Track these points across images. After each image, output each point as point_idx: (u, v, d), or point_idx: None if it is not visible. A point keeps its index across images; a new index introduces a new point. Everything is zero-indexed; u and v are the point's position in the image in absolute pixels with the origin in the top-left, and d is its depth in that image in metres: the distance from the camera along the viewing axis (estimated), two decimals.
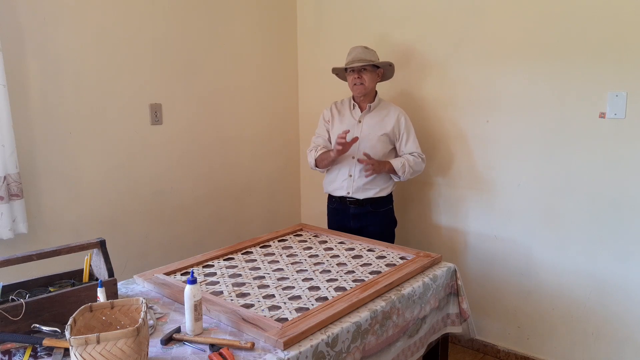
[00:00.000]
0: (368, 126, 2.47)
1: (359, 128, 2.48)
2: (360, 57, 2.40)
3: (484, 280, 2.65)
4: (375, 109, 2.50)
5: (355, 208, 2.49)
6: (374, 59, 2.44)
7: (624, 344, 2.26)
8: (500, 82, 2.43)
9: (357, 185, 2.46)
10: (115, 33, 2.34)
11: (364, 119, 2.49)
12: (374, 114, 2.49)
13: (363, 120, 2.49)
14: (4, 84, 1.94)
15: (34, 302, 1.46)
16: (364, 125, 2.48)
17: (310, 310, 1.56)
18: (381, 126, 2.46)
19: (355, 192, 2.47)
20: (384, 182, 2.48)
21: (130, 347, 1.19)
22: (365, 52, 2.42)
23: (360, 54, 2.41)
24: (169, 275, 1.89)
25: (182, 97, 2.64)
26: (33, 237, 2.14)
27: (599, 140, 2.20)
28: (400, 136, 2.47)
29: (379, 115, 2.49)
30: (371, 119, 2.48)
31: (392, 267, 1.94)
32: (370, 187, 2.46)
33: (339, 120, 2.54)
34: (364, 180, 2.45)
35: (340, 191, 2.50)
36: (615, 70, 2.11)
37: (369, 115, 2.49)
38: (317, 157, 2.50)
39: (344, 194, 2.49)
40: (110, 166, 2.39)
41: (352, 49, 2.45)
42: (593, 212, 2.26)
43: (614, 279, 2.25)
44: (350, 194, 2.48)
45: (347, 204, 2.50)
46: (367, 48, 2.45)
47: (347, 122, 2.51)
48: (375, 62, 2.41)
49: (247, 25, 2.91)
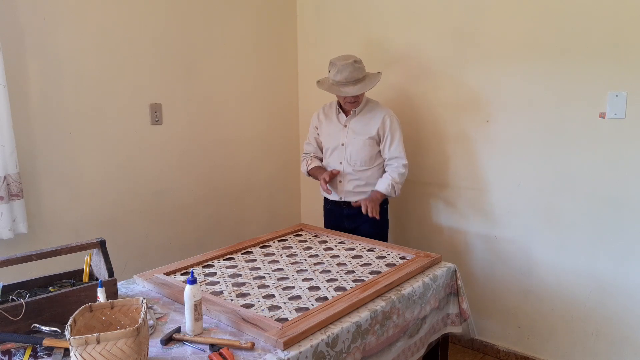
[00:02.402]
0: (353, 131, 2.45)
1: (344, 132, 2.47)
2: (353, 77, 2.30)
3: (484, 280, 2.65)
4: (361, 112, 2.47)
5: (348, 209, 2.50)
6: (364, 76, 2.34)
7: (624, 344, 2.26)
8: (500, 82, 2.43)
9: (347, 189, 2.48)
10: (115, 33, 2.33)
11: (349, 123, 2.47)
12: (360, 117, 2.46)
13: (349, 125, 2.47)
14: (4, 84, 1.94)
15: (34, 302, 1.46)
16: (349, 129, 2.46)
17: (310, 310, 1.56)
18: (366, 130, 2.43)
19: (347, 196, 2.49)
20: (374, 186, 2.45)
21: (130, 347, 1.19)
22: (356, 71, 2.31)
23: (352, 74, 2.30)
24: (169, 275, 1.89)
25: (182, 97, 2.64)
26: (33, 237, 2.14)
27: (599, 140, 2.20)
28: (384, 138, 2.43)
29: (364, 119, 2.45)
30: (357, 122, 2.46)
31: (392, 267, 1.94)
32: (361, 190, 2.46)
33: (327, 125, 2.54)
34: (353, 184, 2.46)
35: (332, 196, 2.52)
36: (615, 70, 2.11)
37: (355, 119, 2.46)
38: (309, 170, 2.59)
39: (337, 199, 2.52)
40: (110, 166, 2.39)
41: (341, 65, 2.30)
42: (593, 212, 2.26)
43: (614, 279, 2.25)
44: (342, 199, 2.50)
45: (341, 206, 2.53)
46: (356, 62, 2.32)
47: (333, 127, 2.51)
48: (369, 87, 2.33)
49: (247, 25, 2.91)
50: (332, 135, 2.51)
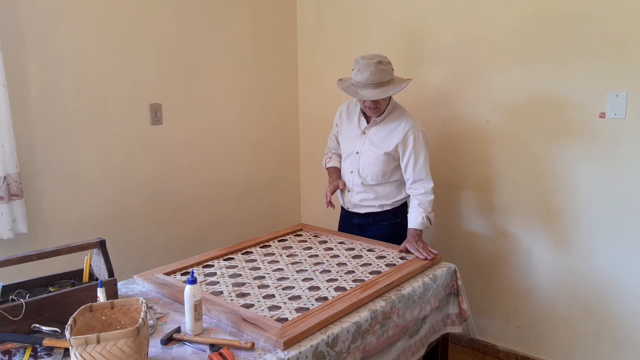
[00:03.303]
0: (370, 141, 2.23)
1: (361, 140, 2.25)
2: (374, 79, 2.04)
3: (484, 280, 2.65)
4: (383, 120, 2.22)
5: (358, 219, 2.38)
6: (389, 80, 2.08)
7: (624, 344, 2.26)
8: (501, 82, 2.43)
9: (354, 201, 2.33)
10: (116, 33, 2.33)
11: (369, 131, 2.24)
12: (381, 126, 2.22)
13: (368, 133, 2.24)
14: (4, 84, 1.94)
15: (34, 302, 1.46)
16: (367, 138, 2.24)
17: (310, 310, 1.56)
18: (385, 143, 2.19)
19: (354, 208, 2.35)
20: (386, 199, 2.28)
21: (130, 347, 1.19)
22: (379, 73, 2.05)
23: (373, 76, 2.04)
24: (169, 275, 1.89)
25: (182, 97, 2.64)
26: (33, 237, 2.14)
27: (599, 140, 2.20)
28: (405, 156, 2.18)
29: (386, 129, 2.20)
30: (377, 132, 2.22)
31: (392, 267, 1.94)
32: (369, 203, 2.30)
33: (347, 126, 2.34)
34: (360, 197, 2.30)
35: (343, 203, 2.43)
36: (615, 70, 2.11)
37: (375, 127, 2.23)
38: (326, 167, 2.48)
39: (345, 207, 2.42)
40: (110, 166, 2.39)
41: (363, 65, 2.06)
42: (593, 212, 2.26)
43: (614, 279, 2.25)
44: (350, 209, 2.37)
45: (351, 214, 2.40)
46: (380, 63, 2.05)
47: (352, 131, 2.30)
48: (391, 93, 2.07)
49: (247, 25, 2.91)
50: (349, 140, 2.31)
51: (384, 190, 2.28)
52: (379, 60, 2.06)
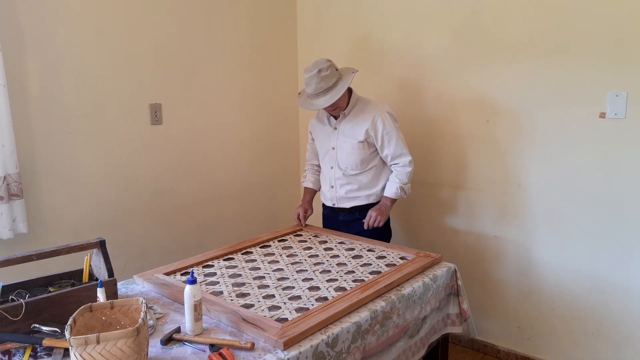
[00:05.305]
0: (343, 134, 2.35)
1: (335, 136, 2.38)
2: (321, 87, 2.19)
3: (484, 280, 2.65)
4: (351, 112, 2.35)
5: (344, 215, 2.44)
6: (335, 81, 2.21)
7: (624, 344, 2.26)
8: (500, 82, 2.43)
9: (339, 195, 2.41)
10: (115, 33, 2.33)
11: (339, 125, 2.37)
12: (350, 118, 2.34)
13: (339, 127, 2.37)
14: (4, 84, 1.94)
15: (34, 302, 1.46)
16: (339, 132, 2.37)
17: (310, 311, 1.56)
18: (355, 132, 2.31)
19: (340, 202, 2.42)
20: (370, 189, 2.37)
21: (130, 347, 1.19)
22: (322, 81, 2.19)
23: (318, 85, 2.19)
24: (169, 275, 1.89)
25: (182, 97, 2.64)
26: (33, 237, 2.14)
27: (599, 140, 2.20)
28: (379, 140, 2.30)
29: (354, 120, 2.33)
30: (346, 124, 2.35)
31: (392, 267, 1.94)
32: (354, 195, 2.38)
33: (320, 129, 2.47)
34: (345, 189, 2.38)
35: (327, 201, 2.49)
36: (615, 70, 2.11)
37: (345, 121, 2.35)
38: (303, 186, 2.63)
39: (331, 205, 2.47)
40: (110, 166, 2.38)
41: (307, 78, 2.21)
42: (593, 211, 2.26)
43: (614, 279, 2.24)
44: (335, 205, 2.45)
45: (337, 211, 2.47)
46: (320, 72, 2.18)
47: (325, 131, 2.43)
48: (340, 94, 2.19)
49: (247, 25, 2.91)
50: (324, 139, 2.44)
51: (366, 178, 2.37)
52: (319, 69, 2.20)
